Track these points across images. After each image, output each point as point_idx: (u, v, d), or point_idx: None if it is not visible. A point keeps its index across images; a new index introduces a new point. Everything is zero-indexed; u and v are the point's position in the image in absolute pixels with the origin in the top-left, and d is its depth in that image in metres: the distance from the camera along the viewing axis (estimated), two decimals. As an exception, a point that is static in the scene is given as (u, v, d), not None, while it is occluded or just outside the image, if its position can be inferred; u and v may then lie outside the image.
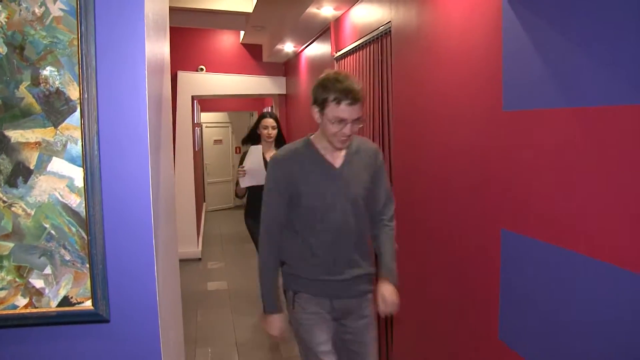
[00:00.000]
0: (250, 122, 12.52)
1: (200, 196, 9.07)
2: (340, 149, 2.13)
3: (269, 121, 4.14)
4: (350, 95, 1.97)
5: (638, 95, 1.44)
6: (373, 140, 3.72)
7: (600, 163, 1.59)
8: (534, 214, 1.91)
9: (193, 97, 7.65)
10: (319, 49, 5.60)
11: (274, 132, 4.12)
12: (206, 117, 11.82)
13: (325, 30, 5.12)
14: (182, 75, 7.37)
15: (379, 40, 3.58)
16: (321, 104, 2.03)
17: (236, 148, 12.85)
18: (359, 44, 4.00)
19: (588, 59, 1.63)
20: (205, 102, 10.64)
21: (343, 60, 4.48)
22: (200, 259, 7.52)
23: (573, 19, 1.69)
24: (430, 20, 2.75)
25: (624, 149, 1.51)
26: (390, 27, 3.35)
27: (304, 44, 6.12)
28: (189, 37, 7.39)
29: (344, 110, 1.99)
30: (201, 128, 11.72)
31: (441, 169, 2.70)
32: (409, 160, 3.13)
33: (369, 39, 3.75)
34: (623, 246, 1.52)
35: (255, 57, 7.73)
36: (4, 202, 1.18)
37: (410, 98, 3.08)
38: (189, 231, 7.32)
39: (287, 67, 7.70)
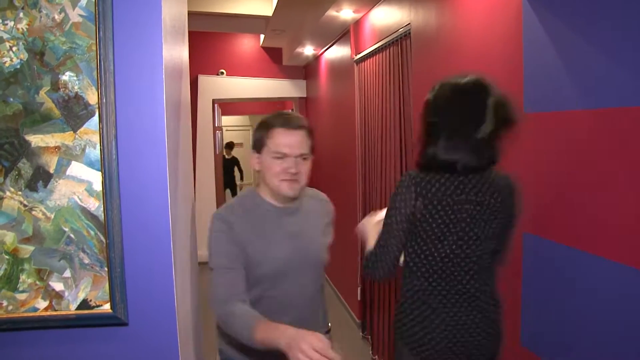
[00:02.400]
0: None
1: (221, 199, 9.12)
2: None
3: None
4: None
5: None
6: (393, 143, 3.70)
7: (625, 165, 1.56)
8: (558, 217, 1.87)
9: (214, 101, 7.70)
10: (338, 52, 5.59)
11: None
12: (227, 120, 11.89)
13: (345, 33, 5.11)
14: (202, 79, 7.42)
15: (399, 42, 3.56)
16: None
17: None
18: (378, 47, 3.98)
19: (610, 60, 1.60)
20: (226, 106, 10.71)
21: (363, 63, 4.47)
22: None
23: (594, 19, 1.66)
24: (450, 21, 2.73)
25: (649, 151, 1.48)
26: (409, 29, 3.33)
27: (323, 47, 6.12)
28: (209, 41, 7.44)
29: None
30: (222, 132, 11.82)
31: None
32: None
33: (389, 41, 3.74)
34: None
35: (275, 61, 7.76)
36: (25, 206, 1.20)
37: (430, 100, 3.06)
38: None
39: (307, 70, 7.71)
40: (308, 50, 6.31)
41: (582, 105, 1.73)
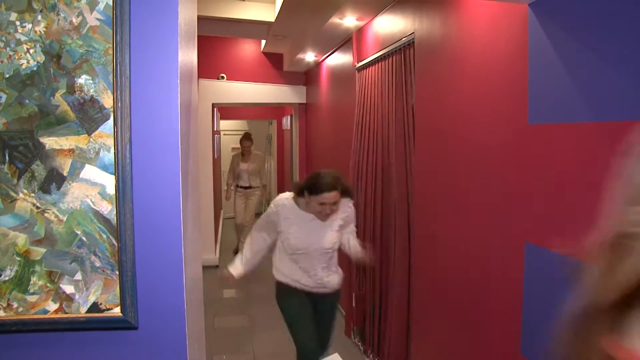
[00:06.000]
0: (269, 130, 12.57)
1: (218, 203, 9.11)
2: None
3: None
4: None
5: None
6: (394, 153, 3.71)
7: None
8: (560, 228, 1.88)
9: (213, 105, 7.70)
10: (340, 59, 5.61)
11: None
12: (224, 124, 11.87)
13: (347, 40, 5.13)
14: (203, 83, 7.43)
15: (402, 51, 3.58)
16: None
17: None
18: (381, 55, 4.00)
19: (615, 73, 1.61)
20: (225, 110, 10.69)
21: (364, 70, 4.49)
22: (217, 266, 7.55)
23: (600, 31, 1.67)
24: (455, 31, 2.74)
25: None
26: (413, 38, 3.35)
27: (325, 54, 6.14)
28: (210, 45, 7.45)
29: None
30: (219, 136, 11.76)
31: (465, 182, 2.68)
32: (432, 173, 3.11)
33: (392, 50, 3.75)
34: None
35: (275, 66, 7.77)
36: (38, 207, 1.20)
37: (433, 110, 3.07)
38: (207, 238, 7.36)
39: (307, 76, 7.72)
40: (309, 56, 6.32)
41: (587, 118, 1.74)
